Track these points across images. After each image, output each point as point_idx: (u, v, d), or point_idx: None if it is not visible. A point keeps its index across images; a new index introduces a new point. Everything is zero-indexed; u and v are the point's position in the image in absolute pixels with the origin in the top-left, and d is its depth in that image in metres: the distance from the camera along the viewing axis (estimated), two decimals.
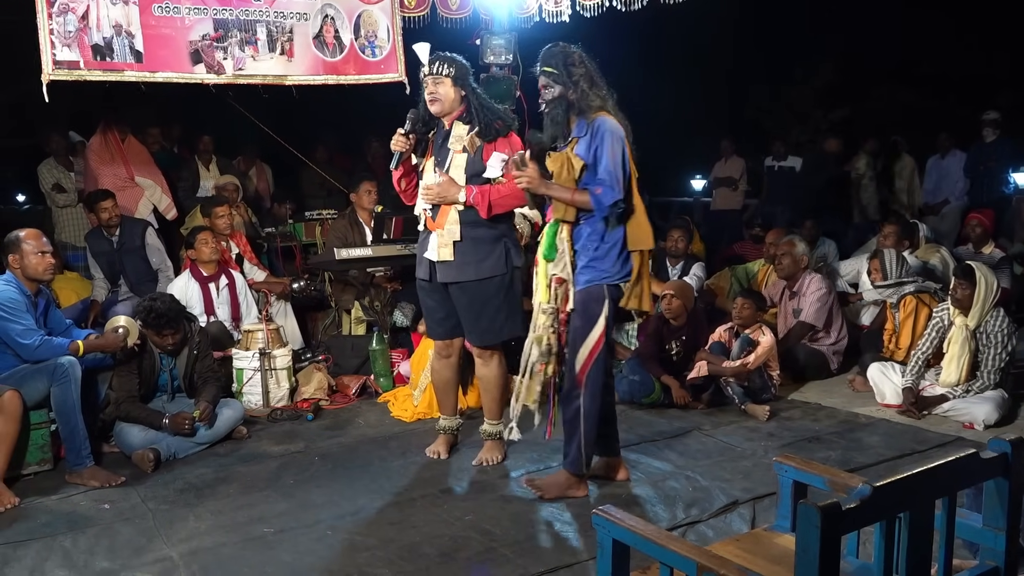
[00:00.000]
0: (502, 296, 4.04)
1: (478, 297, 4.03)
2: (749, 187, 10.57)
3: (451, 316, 4.17)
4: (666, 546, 2.01)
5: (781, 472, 2.54)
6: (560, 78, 3.63)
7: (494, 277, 4.01)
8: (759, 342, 5.22)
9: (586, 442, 3.71)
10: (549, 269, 3.70)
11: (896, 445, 4.48)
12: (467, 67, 4.01)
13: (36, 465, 4.29)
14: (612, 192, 3.53)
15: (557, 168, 3.62)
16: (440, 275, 4.06)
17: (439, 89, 3.93)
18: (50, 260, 4.33)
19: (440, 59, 3.97)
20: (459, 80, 3.95)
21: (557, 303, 3.68)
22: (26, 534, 3.57)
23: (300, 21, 5.50)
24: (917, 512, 1.91)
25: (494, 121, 3.96)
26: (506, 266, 4.03)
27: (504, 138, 3.97)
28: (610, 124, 3.59)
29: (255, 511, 3.76)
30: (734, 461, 4.28)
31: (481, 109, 3.96)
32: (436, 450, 4.41)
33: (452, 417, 4.47)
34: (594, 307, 3.62)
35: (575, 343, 3.66)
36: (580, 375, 3.64)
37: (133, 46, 4.95)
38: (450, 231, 3.96)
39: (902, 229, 6.47)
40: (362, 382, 5.70)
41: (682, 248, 6.81)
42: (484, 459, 4.25)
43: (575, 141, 3.65)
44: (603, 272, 3.62)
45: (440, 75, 3.92)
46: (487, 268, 3.99)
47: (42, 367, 4.16)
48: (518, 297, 4.15)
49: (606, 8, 5.73)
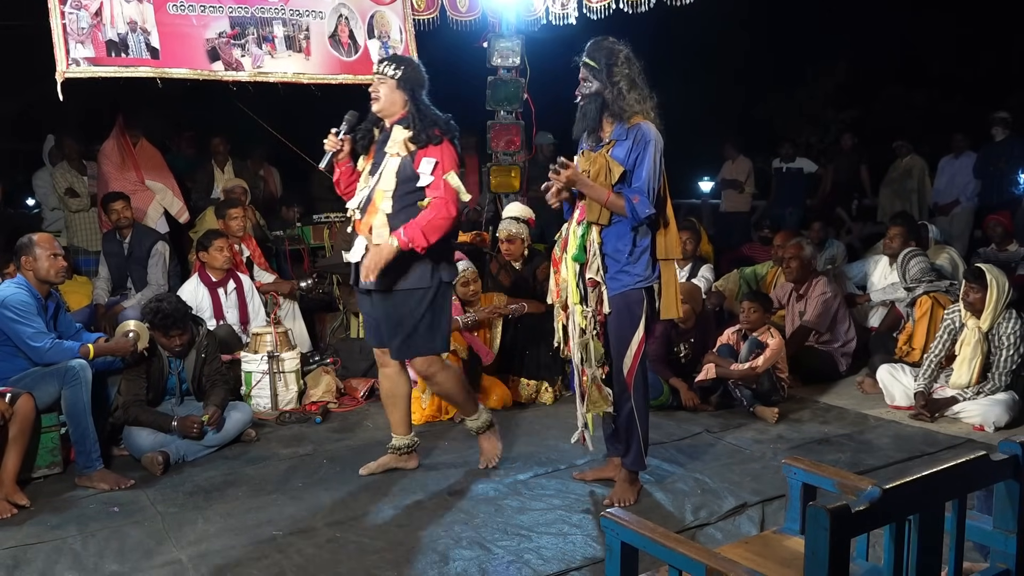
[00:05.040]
0: (423, 311, 3.86)
1: (398, 308, 3.88)
2: (756, 189, 10.56)
3: (378, 322, 4.03)
4: (675, 548, 2.01)
5: (790, 474, 2.54)
6: (600, 75, 3.61)
7: (416, 290, 3.84)
8: (767, 344, 5.21)
9: (643, 439, 3.74)
10: (579, 270, 3.67)
11: (906, 447, 4.46)
12: (419, 72, 3.91)
13: (46, 468, 4.30)
14: (648, 204, 3.53)
15: (595, 170, 3.59)
16: (363, 280, 3.91)
17: (380, 88, 3.86)
18: (62, 263, 4.36)
19: (389, 60, 3.94)
20: (404, 83, 3.84)
21: (594, 305, 3.66)
22: (36, 536, 3.59)
23: (316, 19, 5.50)
24: (927, 514, 1.90)
25: (431, 128, 3.82)
26: (431, 279, 3.85)
27: (436, 146, 3.81)
28: (654, 133, 3.59)
29: (264, 514, 3.77)
30: (743, 463, 4.27)
31: (419, 115, 3.83)
32: (371, 468, 4.21)
33: (401, 436, 4.26)
34: (635, 309, 3.63)
35: (620, 347, 3.65)
36: (628, 378, 3.65)
37: (149, 43, 4.93)
38: (378, 235, 3.82)
39: (909, 231, 6.45)
40: (370, 385, 5.70)
41: (690, 250, 6.79)
42: (487, 459, 4.22)
43: (612, 144, 3.63)
44: (637, 277, 3.63)
45: (384, 75, 3.85)
46: (409, 279, 3.83)
47: (53, 370, 4.18)
48: (443, 314, 3.96)
49: (613, 10, 5.73)
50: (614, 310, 3.63)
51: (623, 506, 3.69)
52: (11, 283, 4.34)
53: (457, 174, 3.82)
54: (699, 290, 5.83)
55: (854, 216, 10.54)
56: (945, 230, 8.59)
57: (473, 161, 8.97)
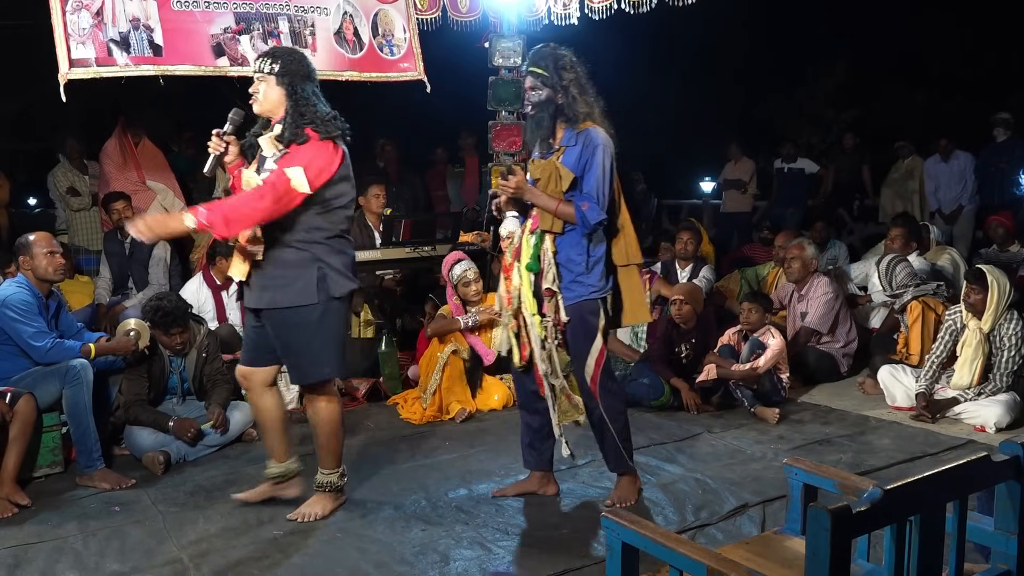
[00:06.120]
0: (311, 331, 3.48)
1: (283, 329, 3.51)
2: (758, 191, 10.56)
3: (258, 343, 3.65)
4: (676, 549, 2.02)
5: (791, 475, 2.53)
6: (549, 81, 3.54)
7: (300, 308, 3.45)
8: (768, 345, 5.21)
9: (622, 438, 3.70)
10: (533, 280, 3.60)
11: (907, 448, 4.46)
12: (301, 64, 3.55)
13: (48, 467, 4.31)
14: (598, 210, 3.49)
15: (544, 178, 3.54)
16: (244, 297, 3.65)
17: (260, 87, 3.52)
18: (60, 260, 4.36)
19: (266, 55, 3.57)
20: (282, 77, 3.48)
21: (551, 314, 3.60)
22: (37, 536, 3.59)
23: (321, 16, 5.49)
24: (928, 515, 1.90)
25: (301, 128, 3.43)
26: (318, 295, 3.45)
27: (301, 144, 3.42)
28: (603, 138, 3.54)
29: (265, 513, 3.77)
30: (744, 464, 4.27)
31: (295, 112, 3.46)
32: (244, 496, 3.84)
33: (275, 462, 3.81)
34: (591, 320, 3.58)
35: (579, 358, 3.61)
36: (593, 387, 3.62)
37: (152, 40, 4.90)
38: (252, 249, 3.48)
39: (910, 231, 6.45)
40: (371, 384, 5.70)
41: (691, 250, 6.79)
42: (302, 514, 3.68)
43: (562, 150, 3.58)
44: (591, 287, 3.58)
45: (262, 72, 3.50)
46: (290, 296, 3.45)
47: (54, 370, 4.18)
48: (334, 333, 3.57)
49: (615, 10, 5.73)
50: (572, 322, 3.58)
51: (624, 506, 3.68)
52: (12, 282, 4.35)
53: (316, 174, 3.38)
54: (700, 290, 5.82)
55: (855, 217, 10.53)
56: (947, 231, 8.59)
57: (474, 161, 8.98)
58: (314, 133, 3.43)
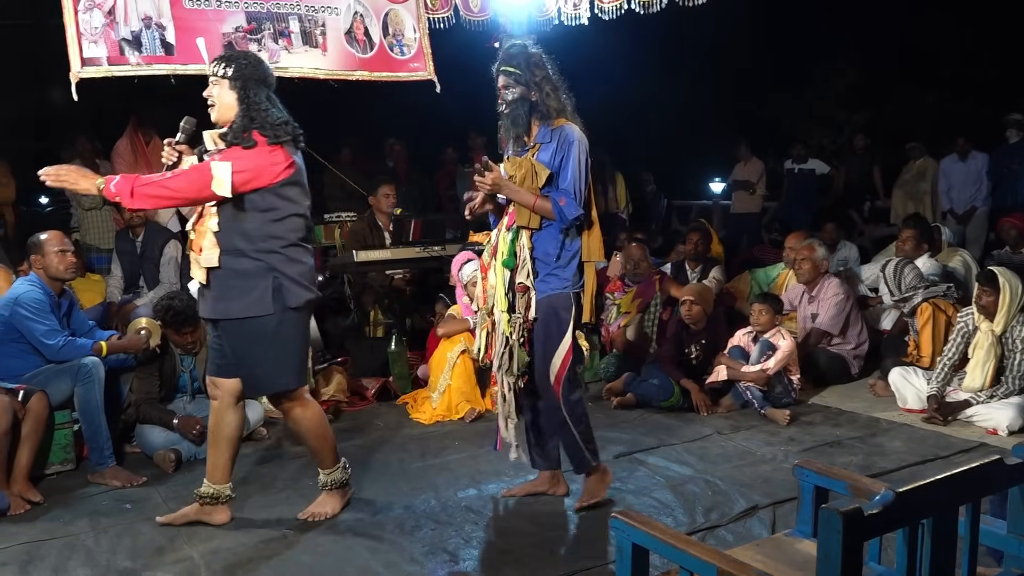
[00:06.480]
0: (267, 342, 3.38)
1: (238, 340, 3.42)
2: (767, 191, 10.53)
3: (222, 352, 3.54)
4: (686, 550, 2.01)
5: (802, 477, 2.52)
6: (523, 78, 3.54)
7: (255, 319, 3.35)
8: (779, 346, 5.20)
9: (584, 439, 3.66)
10: (508, 277, 3.59)
11: (918, 450, 4.44)
12: (256, 68, 3.44)
13: (59, 465, 4.34)
14: (575, 206, 3.49)
15: (520, 175, 3.53)
16: (199, 307, 3.58)
17: (214, 91, 3.43)
18: (71, 259, 4.38)
19: (219, 59, 3.48)
20: (237, 81, 3.39)
21: (522, 312, 3.58)
22: (49, 533, 3.62)
23: (331, 15, 5.51)
24: (941, 518, 1.89)
25: (251, 131, 3.33)
26: (273, 306, 3.36)
27: (246, 148, 3.31)
28: (577, 134, 3.54)
29: (275, 512, 3.78)
30: (754, 466, 4.26)
31: (244, 117, 3.36)
32: (168, 520, 3.63)
33: (211, 483, 3.61)
34: (563, 315, 3.56)
35: (546, 353, 3.57)
36: (556, 386, 3.57)
37: (164, 38, 4.92)
38: (206, 257, 3.36)
39: (922, 233, 6.42)
40: (381, 384, 5.71)
41: (701, 251, 6.79)
42: (312, 513, 3.68)
43: (537, 147, 3.58)
44: (566, 281, 3.57)
45: (216, 76, 3.42)
46: (244, 306, 3.35)
47: (66, 368, 4.21)
48: (292, 346, 3.48)
49: (624, 11, 5.71)
50: (541, 315, 3.56)
51: (595, 502, 3.68)
52: (24, 281, 4.38)
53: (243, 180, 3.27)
54: (711, 291, 5.81)
55: (866, 218, 10.50)
56: (959, 232, 8.55)
57: None
58: (261, 137, 3.34)
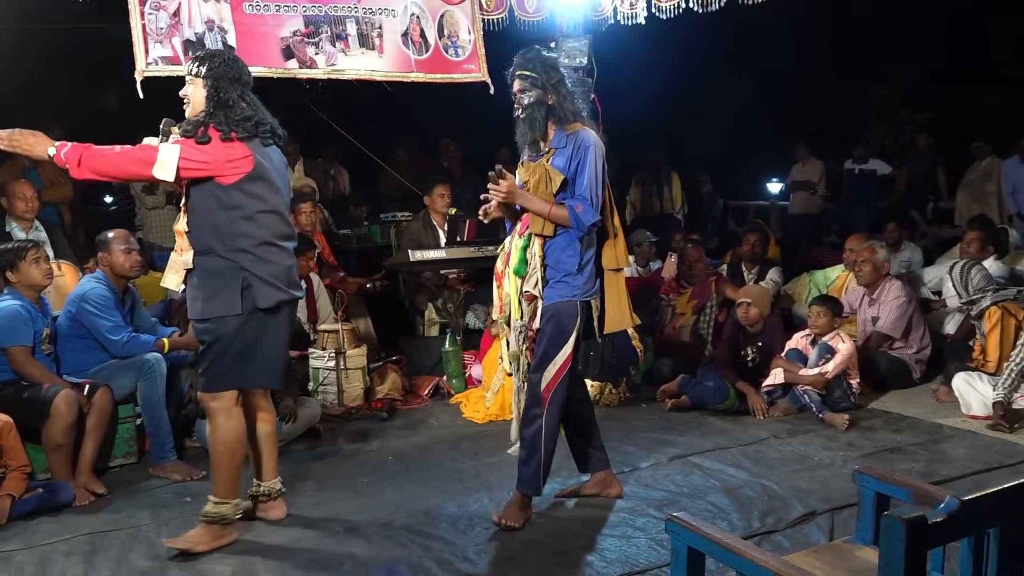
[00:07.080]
0: (228, 341, 3.33)
1: (206, 338, 3.38)
2: (827, 192, 10.35)
3: None
4: (743, 555, 1.97)
5: (862, 483, 2.47)
6: (539, 81, 3.50)
7: (223, 318, 3.31)
8: (838, 349, 5.10)
9: (545, 463, 3.55)
10: (519, 284, 3.55)
11: (983, 458, 4.32)
12: (230, 66, 3.39)
13: (122, 458, 4.45)
14: (592, 211, 3.44)
15: (535, 181, 3.49)
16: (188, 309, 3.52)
17: (188, 90, 3.40)
18: (136, 257, 4.50)
19: (194, 58, 3.43)
20: (208, 80, 3.33)
21: (526, 320, 3.55)
22: (112, 524, 3.71)
23: (388, 17, 5.57)
24: (1008, 528, 1.84)
25: (205, 125, 3.27)
26: (241, 306, 3.31)
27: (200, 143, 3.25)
28: (594, 139, 3.49)
29: (330, 508, 3.83)
30: (811, 470, 4.19)
31: (205, 113, 3.31)
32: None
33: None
34: (567, 323, 3.49)
35: (543, 360, 3.50)
36: (545, 393, 3.49)
37: (226, 41, 5.03)
38: (184, 258, 3.37)
39: (988, 234, 6.24)
40: (435, 383, 5.75)
41: (758, 252, 6.70)
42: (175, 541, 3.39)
43: (552, 152, 3.53)
44: (576, 288, 3.50)
45: (190, 74, 3.38)
46: (215, 306, 3.32)
47: (130, 363, 4.32)
48: (256, 346, 3.39)
49: (683, 9, 5.66)
50: (545, 322, 3.50)
51: (505, 525, 3.52)
52: (91, 278, 4.50)
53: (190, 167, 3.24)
54: (767, 293, 5.73)
55: (929, 219, 10.26)
56: None
57: None
58: (216, 132, 3.27)
